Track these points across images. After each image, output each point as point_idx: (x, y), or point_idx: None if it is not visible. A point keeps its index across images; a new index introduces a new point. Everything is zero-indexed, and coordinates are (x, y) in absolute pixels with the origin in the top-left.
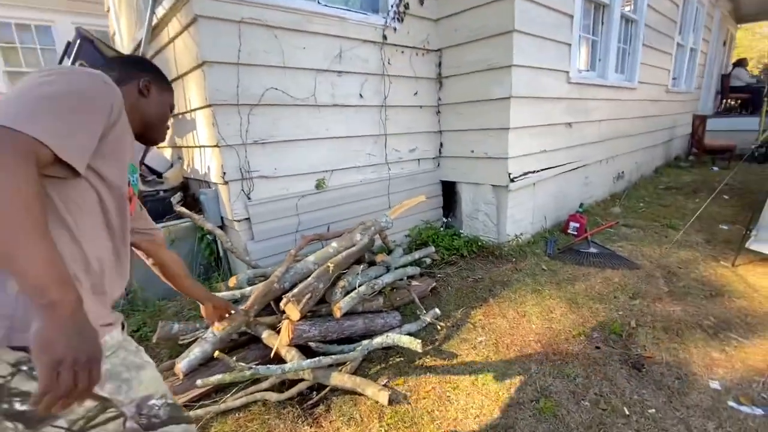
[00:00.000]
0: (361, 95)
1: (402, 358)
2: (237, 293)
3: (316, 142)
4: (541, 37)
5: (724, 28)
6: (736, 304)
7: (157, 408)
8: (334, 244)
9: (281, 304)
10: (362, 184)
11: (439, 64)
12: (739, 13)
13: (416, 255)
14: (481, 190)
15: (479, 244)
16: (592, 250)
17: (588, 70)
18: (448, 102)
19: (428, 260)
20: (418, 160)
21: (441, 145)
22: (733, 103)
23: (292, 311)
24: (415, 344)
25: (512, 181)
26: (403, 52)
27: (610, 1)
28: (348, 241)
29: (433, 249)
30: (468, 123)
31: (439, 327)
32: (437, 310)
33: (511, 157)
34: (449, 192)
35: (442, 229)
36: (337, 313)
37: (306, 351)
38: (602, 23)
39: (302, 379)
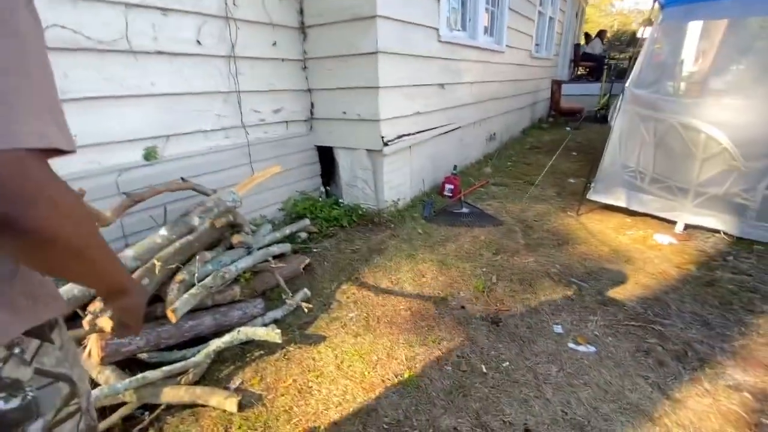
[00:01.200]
0: (198, 41)
1: (262, 352)
2: None
3: (137, 100)
4: None
5: (576, 1)
6: (578, 250)
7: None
8: (163, 231)
9: (84, 321)
10: (213, 152)
11: (301, 11)
12: None
13: (287, 230)
14: (357, 155)
15: (359, 212)
16: (464, 210)
17: (459, 30)
18: (315, 56)
19: (304, 235)
20: (286, 122)
21: (312, 105)
22: (583, 70)
23: (104, 322)
24: (273, 335)
25: (386, 144)
26: None
27: None
28: (184, 227)
29: (307, 222)
30: (338, 81)
31: (306, 309)
32: (306, 291)
33: (383, 119)
34: (327, 158)
35: (321, 198)
36: (172, 317)
37: (138, 363)
38: None
39: (125, 402)
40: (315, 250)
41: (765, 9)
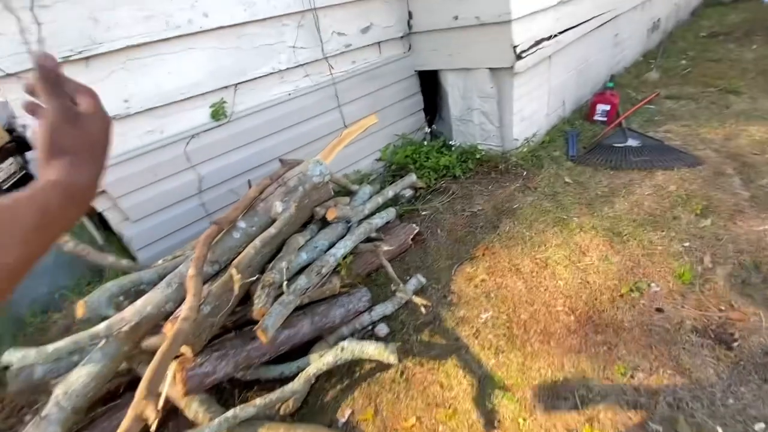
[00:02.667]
0: None
1: (374, 366)
2: (85, 336)
3: (191, 40)
4: None
5: None
6: None
7: None
8: (241, 224)
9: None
10: (292, 98)
11: None
12: None
13: (389, 192)
14: (473, 78)
15: (477, 157)
16: (632, 142)
17: None
18: None
19: (409, 192)
20: (378, 44)
21: (410, 15)
22: None
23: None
24: (387, 355)
25: (519, 57)
26: None
27: None
28: (264, 216)
29: (413, 177)
30: None
31: (423, 308)
32: (420, 278)
33: (516, 18)
34: (431, 86)
35: (425, 142)
36: (263, 338)
37: (232, 381)
38: None
39: None
40: (424, 212)
41: None
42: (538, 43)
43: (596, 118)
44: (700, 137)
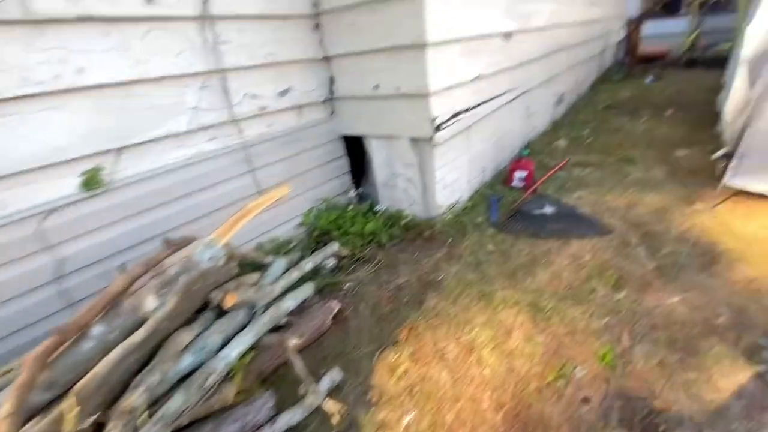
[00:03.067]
0: None
1: None
2: None
3: (53, 98)
4: None
5: None
6: (740, 275)
7: None
8: (97, 330)
9: None
10: (193, 162)
11: None
12: None
13: (307, 265)
14: (396, 146)
15: (403, 222)
16: (548, 209)
17: None
18: (331, 6)
19: (331, 262)
20: (298, 107)
21: (332, 80)
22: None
23: None
24: None
25: (438, 129)
26: None
27: None
28: (130, 316)
29: (336, 246)
30: (366, 40)
31: (333, 416)
32: (336, 374)
33: (434, 93)
34: (357, 150)
35: (351, 204)
36: None
37: None
38: None
39: None
40: (347, 284)
41: None
42: (456, 114)
43: (514, 184)
44: (607, 205)
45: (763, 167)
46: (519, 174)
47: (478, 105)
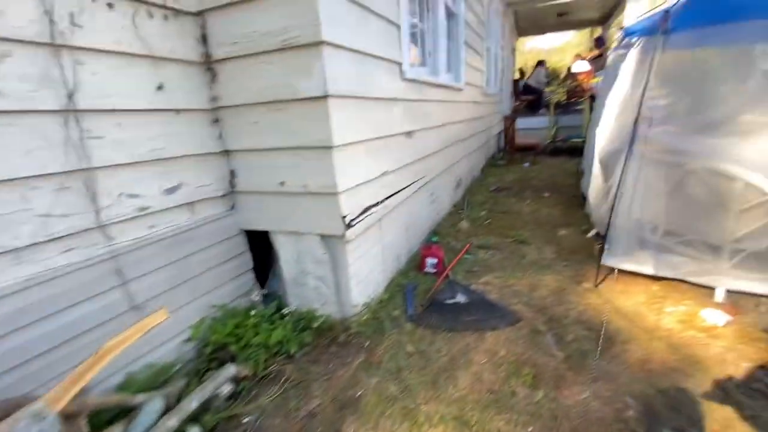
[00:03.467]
0: None
1: None
2: None
3: None
4: (362, 6)
5: (511, 38)
6: (632, 356)
7: None
8: None
9: None
10: (37, 283)
11: (204, 38)
12: (518, 27)
13: (191, 404)
14: (305, 243)
15: (315, 326)
16: (461, 298)
17: (420, 66)
18: (233, 103)
19: (227, 389)
20: (190, 204)
21: (233, 174)
22: (519, 104)
23: None
24: None
25: (349, 226)
26: (111, 5)
27: None
28: None
29: (232, 370)
30: (270, 138)
31: None
32: None
33: (343, 191)
34: (261, 244)
35: (255, 306)
36: None
37: None
38: (427, 10)
39: None
40: (246, 418)
41: None
42: (367, 209)
43: (427, 270)
44: (512, 289)
45: (627, 250)
46: (430, 260)
47: (388, 198)
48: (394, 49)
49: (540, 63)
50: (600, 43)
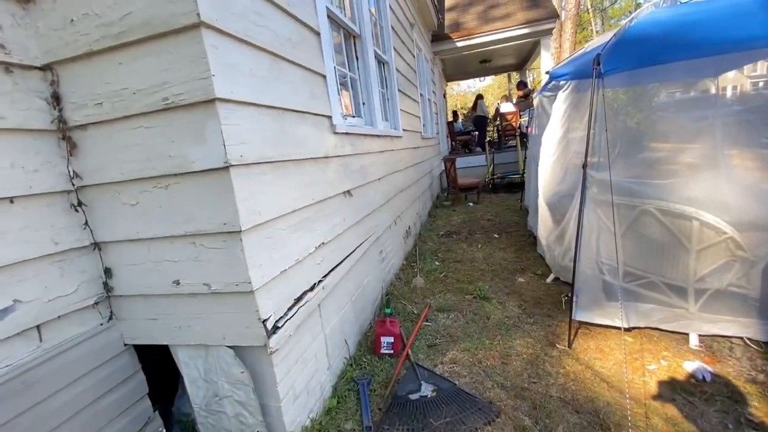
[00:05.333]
0: None
1: None
2: None
3: None
4: (273, 54)
5: (441, 83)
6: None
7: None
8: None
9: None
10: None
11: (56, 99)
12: (446, 73)
13: None
14: (216, 357)
15: None
16: (427, 391)
17: (353, 116)
18: (101, 181)
19: None
20: (36, 327)
21: (108, 273)
22: (454, 144)
23: None
24: None
25: (275, 330)
26: None
27: (361, 32)
28: None
29: None
30: (157, 224)
31: None
32: None
33: (260, 287)
34: (162, 360)
35: None
36: None
37: None
38: (357, 58)
39: None
40: None
41: (728, 63)
42: (300, 298)
43: (383, 351)
44: (483, 367)
45: (596, 301)
46: (386, 340)
47: (329, 273)
48: (320, 102)
49: (479, 97)
50: (522, 85)
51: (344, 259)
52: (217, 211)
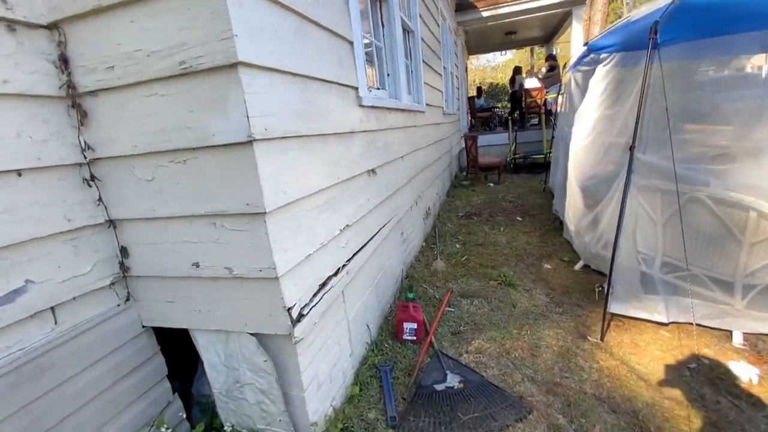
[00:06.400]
0: None
1: None
2: None
3: None
4: (299, 14)
5: (463, 56)
6: None
7: None
8: None
9: None
10: None
11: (65, 61)
12: (468, 45)
13: None
14: (238, 344)
15: None
16: (453, 381)
17: (378, 88)
18: (115, 153)
19: None
20: (50, 309)
21: (123, 252)
22: (474, 121)
23: None
24: None
25: (300, 318)
26: None
27: None
28: None
29: None
30: (175, 201)
31: None
32: None
33: (285, 272)
34: (181, 341)
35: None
36: None
37: None
38: (382, 25)
39: None
40: None
41: None
42: (325, 284)
43: (405, 337)
44: (511, 359)
45: (634, 293)
46: (408, 326)
47: (353, 257)
48: (347, 70)
49: (517, 71)
50: (551, 58)
51: (368, 242)
52: (239, 190)
